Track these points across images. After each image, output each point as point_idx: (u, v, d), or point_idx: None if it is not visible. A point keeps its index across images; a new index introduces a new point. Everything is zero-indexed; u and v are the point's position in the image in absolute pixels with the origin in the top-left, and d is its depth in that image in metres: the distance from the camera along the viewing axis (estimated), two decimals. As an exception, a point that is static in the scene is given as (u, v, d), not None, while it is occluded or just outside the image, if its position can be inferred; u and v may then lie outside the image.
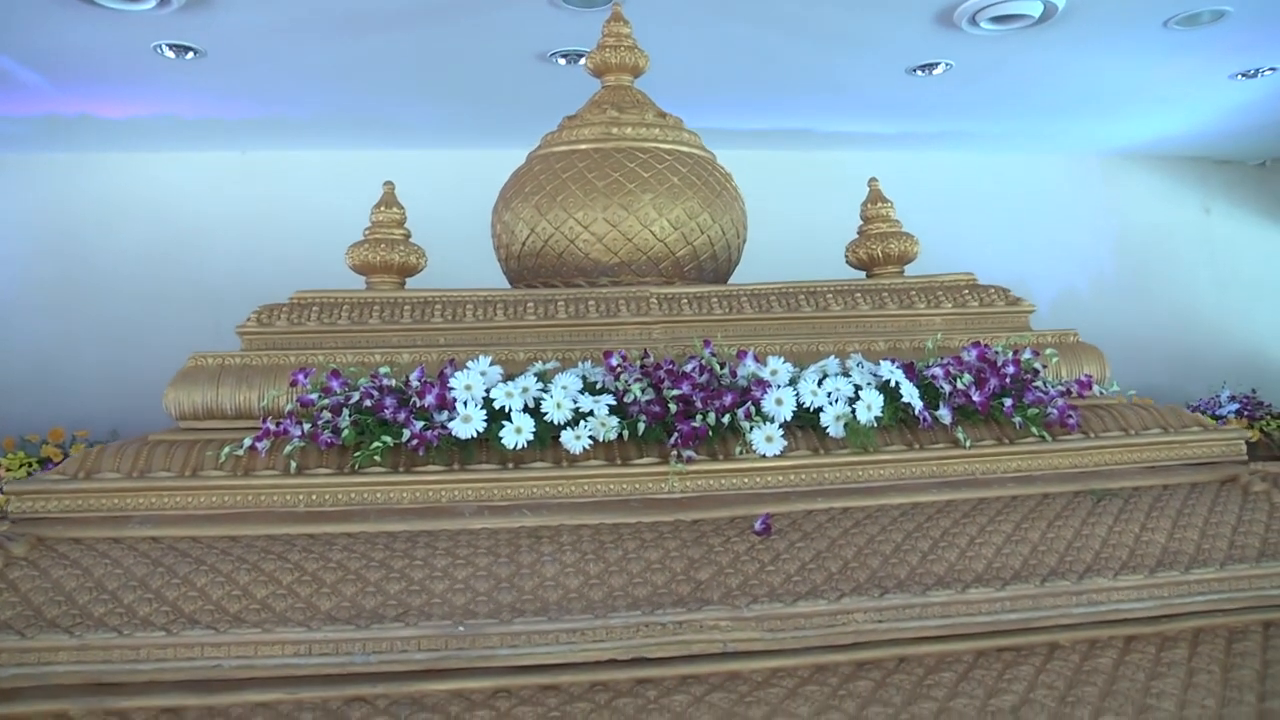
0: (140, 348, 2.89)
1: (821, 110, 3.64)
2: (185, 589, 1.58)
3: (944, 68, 3.60)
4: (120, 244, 3.72)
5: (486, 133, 2.59)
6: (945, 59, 3.65)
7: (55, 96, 3.23)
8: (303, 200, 3.11)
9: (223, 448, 1.81)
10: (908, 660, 1.59)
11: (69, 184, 3.83)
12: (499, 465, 1.81)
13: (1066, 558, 1.71)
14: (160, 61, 3.04)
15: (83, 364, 3.53)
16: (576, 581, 1.62)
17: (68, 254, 3.75)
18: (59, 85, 3.13)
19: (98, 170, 3.84)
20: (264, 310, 2.08)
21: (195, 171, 3.86)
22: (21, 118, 3.40)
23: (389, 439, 1.78)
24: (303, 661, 1.49)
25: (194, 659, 1.49)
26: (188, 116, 3.51)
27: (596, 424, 1.83)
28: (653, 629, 1.54)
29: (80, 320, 3.66)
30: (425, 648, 1.51)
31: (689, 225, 2.30)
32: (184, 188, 3.80)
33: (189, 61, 3.05)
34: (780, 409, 1.87)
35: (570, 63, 3.49)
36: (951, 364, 1.95)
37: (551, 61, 3.35)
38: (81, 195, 3.83)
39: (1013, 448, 1.92)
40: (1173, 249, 4.03)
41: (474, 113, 3.29)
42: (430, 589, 1.59)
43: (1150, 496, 1.88)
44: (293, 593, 1.58)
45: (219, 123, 3.59)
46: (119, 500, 1.76)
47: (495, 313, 2.10)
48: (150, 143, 3.75)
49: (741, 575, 1.64)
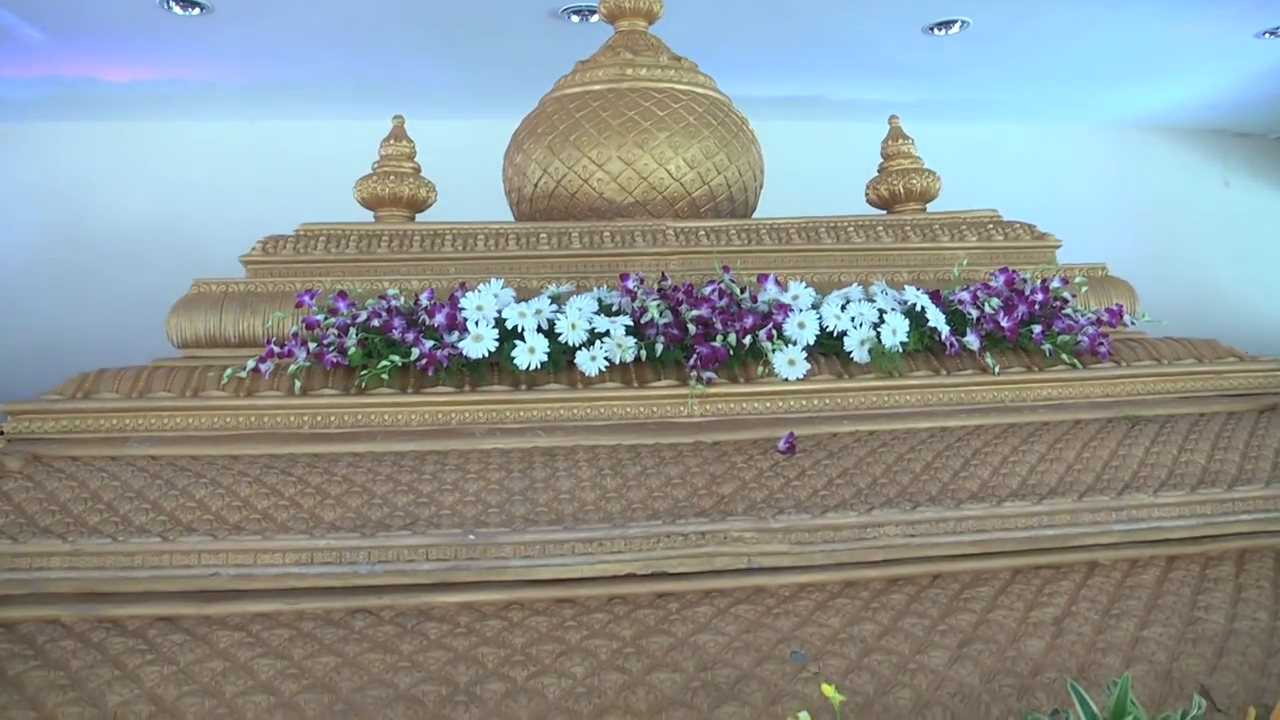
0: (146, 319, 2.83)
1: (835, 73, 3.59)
2: (183, 500, 1.52)
3: (960, 26, 3.54)
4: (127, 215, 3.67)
5: (496, 99, 2.53)
6: (962, 16, 3.57)
7: (58, 56, 3.19)
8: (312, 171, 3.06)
9: (225, 369, 1.75)
10: (942, 577, 1.51)
11: (74, 154, 3.80)
12: (511, 387, 1.74)
13: (1104, 476, 1.64)
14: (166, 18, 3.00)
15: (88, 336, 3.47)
16: (593, 495, 1.55)
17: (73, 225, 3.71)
18: (62, 42, 3.10)
19: (103, 140, 3.80)
20: (269, 240, 2.02)
21: (202, 141, 3.82)
22: (24, 80, 3.36)
23: (397, 358, 1.72)
24: (304, 571, 1.42)
25: (190, 567, 1.42)
26: (194, 81, 3.47)
27: (612, 345, 1.76)
28: (674, 540, 1.47)
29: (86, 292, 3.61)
30: (434, 558, 1.44)
31: (705, 165, 2.24)
32: (191, 158, 3.77)
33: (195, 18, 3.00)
34: (803, 333, 1.81)
35: (583, 19, 3.44)
36: (979, 290, 1.88)
37: (563, 19, 3.30)
38: (87, 166, 3.79)
39: (1043, 375, 1.85)
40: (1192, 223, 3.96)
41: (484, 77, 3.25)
42: (439, 501, 1.53)
43: (1187, 422, 1.81)
44: (295, 504, 1.51)
45: (226, 89, 3.55)
46: (118, 421, 1.70)
47: (508, 243, 2.04)
48: (156, 111, 3.71)
49: (766, 490, 1.57)
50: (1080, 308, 1.94)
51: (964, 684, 1.30)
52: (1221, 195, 4.16)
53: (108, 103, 3.60)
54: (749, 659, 1.33)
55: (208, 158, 3.73)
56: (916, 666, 1.32)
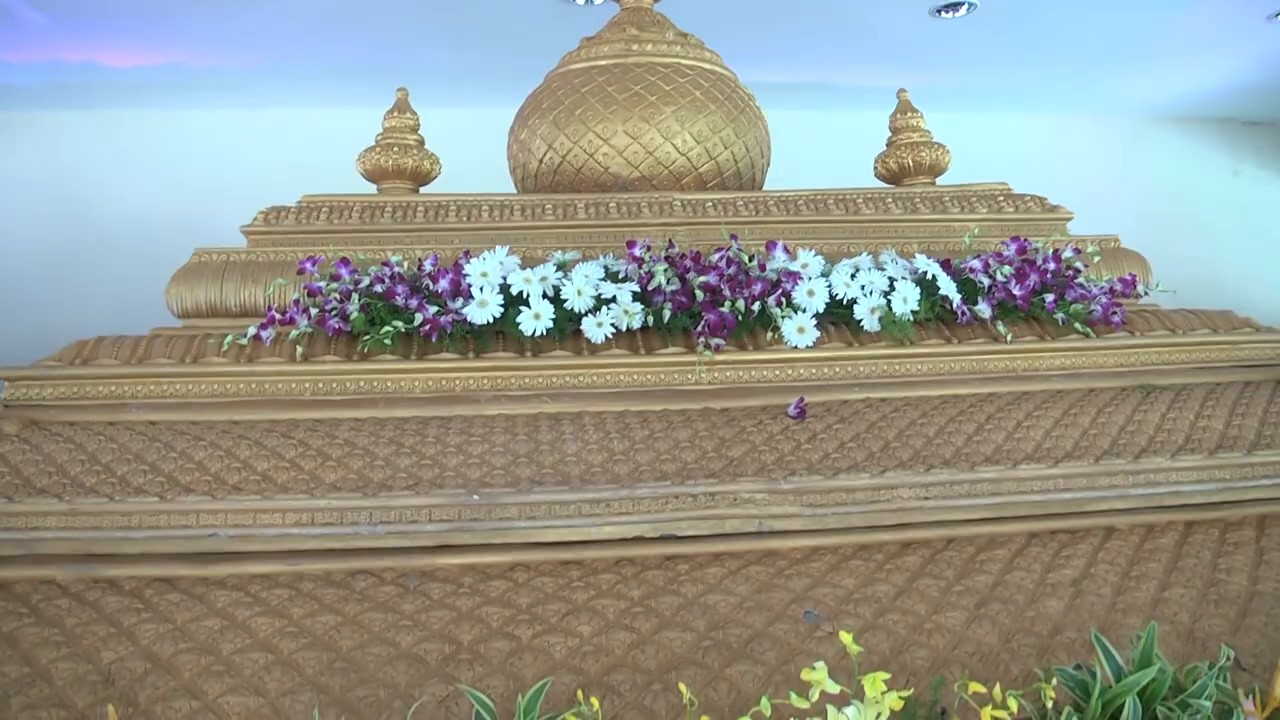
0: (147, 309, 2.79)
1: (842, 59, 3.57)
2: (182, 461, 1.49)
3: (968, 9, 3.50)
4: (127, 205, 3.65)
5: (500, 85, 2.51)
6: (970, -3, 3.54)
7: (60, 39, 3.18)
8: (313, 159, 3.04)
9: (225, 336, 1.72)
10: (957, 540, 1.48)
11: (75, 143, 3.78)
12: (516, 354, 1.71)
13: (1120, 440, 1.60)
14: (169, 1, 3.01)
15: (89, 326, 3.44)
16: (600, 457, 1.52)
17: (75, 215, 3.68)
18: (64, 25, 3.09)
19: (104, 129, 3.79)
20: (270, 210, 2.00)
21: (203, 130, 3.80)
22: (26, 65, 3.34)
23: (400, 324, 1.69)
24: (305, 532, 1.39)
25: (188, 527, 1.39)
26: (195, 66, 3.45)
27: (619, 311, 1.73)
28: (683, 501, 1.44)
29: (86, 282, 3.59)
30: (437, 519, 1.41)
31: (712, 140, 2.21)
32: (192, 147, 3.75)
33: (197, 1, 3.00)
34: (812, 300, 1.78)
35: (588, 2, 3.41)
36: (991, 258, 1.86)
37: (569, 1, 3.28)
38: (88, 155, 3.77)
39: (1055, 344, 1.82)
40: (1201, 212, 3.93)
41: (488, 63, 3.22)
42: (443, 463, 1.50)
43: (1203, 390, 1.78)
44: (295, 466, 1.48)
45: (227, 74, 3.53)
46: (116, 388, 1.67)
47: (513, 213, 2.01)
48: (157, 99, 3.69)
49: (777, 453, 1.54)
50: (1093, 277, 1.91)
51: (982, 643, 1.27)
52: (1230, 184, 4.13)
53: (109, 90, 3.59)
54: (761, 619, 1.30)
55: (209, 146, 3.70)
56: (933, 626, 1.29)
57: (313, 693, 1.18)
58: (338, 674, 1.21)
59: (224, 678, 1.19)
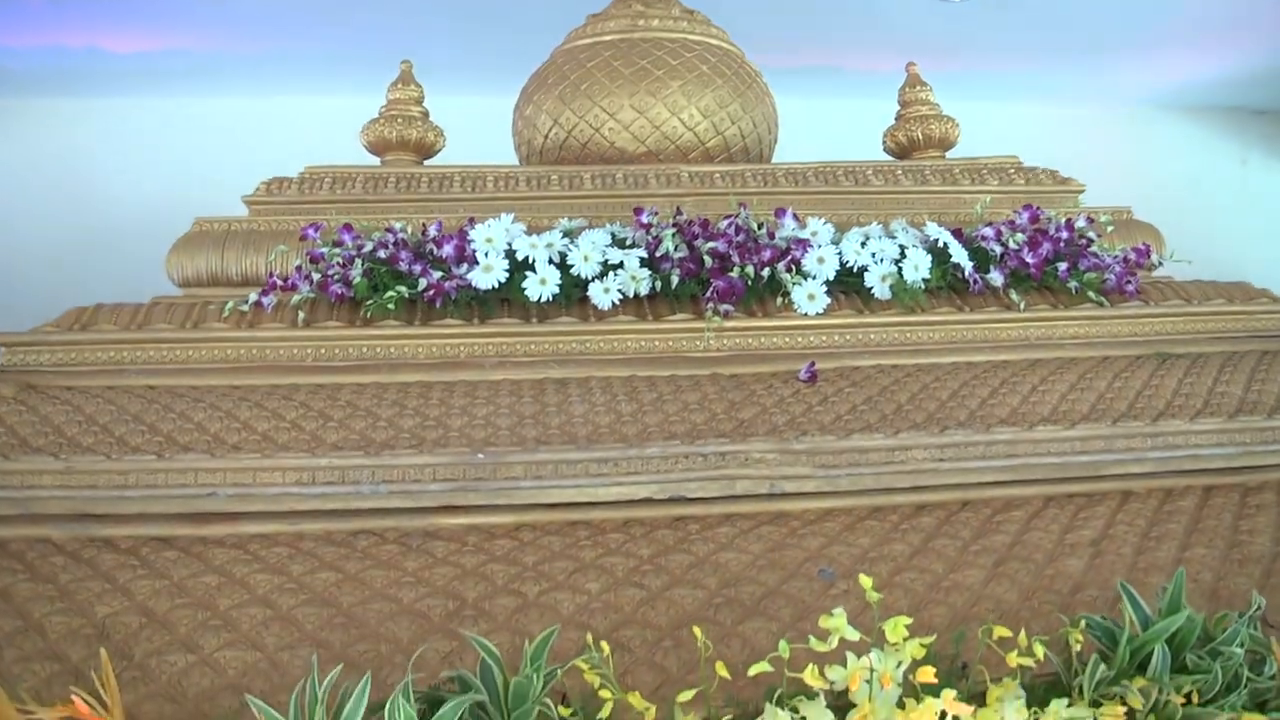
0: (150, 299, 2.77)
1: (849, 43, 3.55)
2: (181, 422, 1.46)
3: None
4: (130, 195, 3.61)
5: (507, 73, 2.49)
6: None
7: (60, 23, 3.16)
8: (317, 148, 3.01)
9: (226, 303, 1.69)
10: (972, 503, 1.45)
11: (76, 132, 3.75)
12: (521, 320, 1.68)
13: (1137, 404, 1.57)
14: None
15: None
16: (608, 419, 1.49)
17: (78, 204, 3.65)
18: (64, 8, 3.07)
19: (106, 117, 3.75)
20: (273, 181, 1.97)
21: (206, 119, 3.77)
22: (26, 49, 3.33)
23: (404, 290, 1.66)
24: (305, 491, 1.36)
25: (186, 486, 1.36)
26: (198, 51, 3.44)
27: (626, 277, 1.70)
28: (692, 461, 1.40)
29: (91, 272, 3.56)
30: (441, 478, 1.38)
31: (719, 114, 2.19)
32: (195, 136, 3.72)
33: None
34: (822, 268, 1.75)
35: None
36: (1003, 226, 1.83)
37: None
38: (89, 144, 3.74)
39: (1069, 313, 1.79)
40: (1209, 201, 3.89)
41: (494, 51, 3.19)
42: (447, 424, 1.47)
43: (1220, 358, 1.74)
44: (297, 427, 1.45)
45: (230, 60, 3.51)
46: (115, 353, 1.64)
47: (518, 184, 1.98)
48: (160, 86, 3.67)
49: (788, 414, 1.51)
50: (1107, 246, 1.88)
51: (1002, 601, 1.24)
52: (1239, 173, 4.10)
53: (111, 76, 3.56)
54: (774, 576, 1.27)
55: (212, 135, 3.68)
56: (951, 584, 1.26)
57: (312, 647, 1.14)
58: (338, 629, 1.18)
59: (221, 632, 1.16)
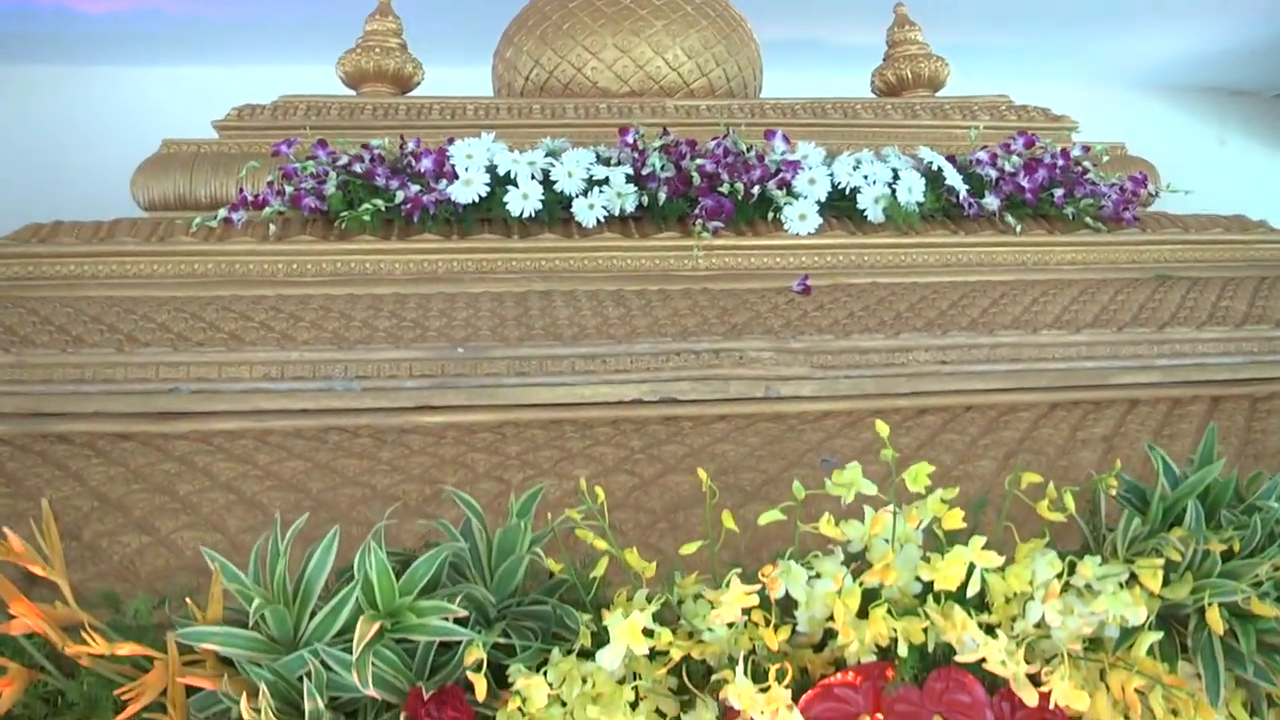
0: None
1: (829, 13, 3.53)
2: (143, 323, 1.38)
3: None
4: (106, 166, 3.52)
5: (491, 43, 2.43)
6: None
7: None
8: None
9: (194, 218, 1.61)
10: (977, 407, 1.39)
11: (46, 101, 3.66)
12: (502, 236, 1.61)
13: (1141, 315, 1.52)
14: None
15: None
16: (595, 322, 1.42)
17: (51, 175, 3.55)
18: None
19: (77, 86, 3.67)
20: (245, 108, 1.90)
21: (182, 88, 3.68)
22: (-5, 10, 3.26)
23: (380, 203, 1.59)
24: (274, 386, 1.29)
25: (147, 381, 1.27)
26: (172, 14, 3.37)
27: (611, 194, 1.64)
28: (684, 359, 1.34)
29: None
30: (418, 374, 1.30)
31: (704, 55, 2.14)
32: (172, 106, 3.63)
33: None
34: (813, 189, 1.69)
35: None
36: (999, 149, 1.78)
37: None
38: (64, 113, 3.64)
39: (1067, 238, 1.74)
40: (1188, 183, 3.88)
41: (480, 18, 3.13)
42: (425, 325, 1.39)
43: (1220, 282, 1.70)
44: (266, 327, 1.38)
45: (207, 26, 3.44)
46: (76, 267, 1.56)
47: (499, 112, 1.92)
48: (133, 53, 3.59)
49: (784, 319, 1.45)
50: (1103, 175, 1.84)
51: (1013, 488, 1.17)
52: (1217, 154, 4.11)
53: (82, 41, 3.48)
54: (774, 465, 1.20)
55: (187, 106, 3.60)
56: (962, 474, 1.20)
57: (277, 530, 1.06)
58: (306, 513, 1.09)
59: (180, 515, 1.08)
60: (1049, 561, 0.93)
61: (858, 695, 0.91)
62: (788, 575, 0.92)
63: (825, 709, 0.90)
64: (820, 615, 0.94)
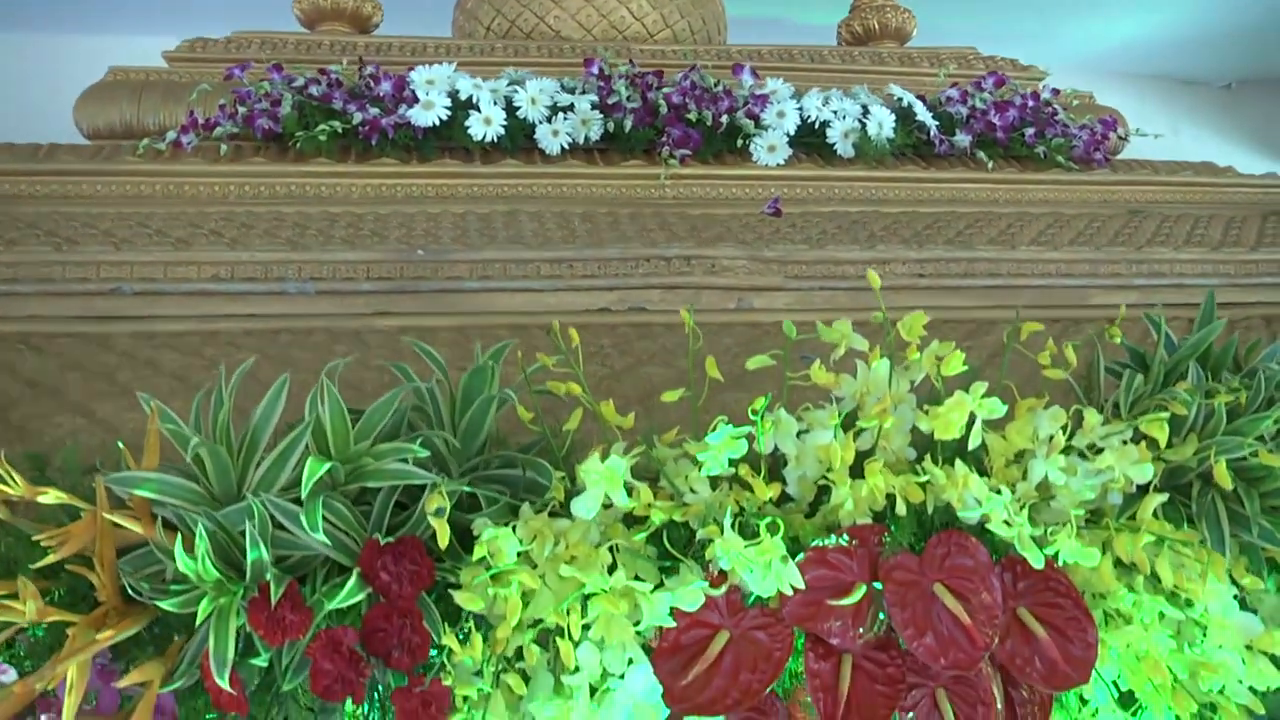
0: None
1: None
2: (84, 228, 1.30)
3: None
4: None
5: None
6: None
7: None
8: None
9: (141, 140, 1.54)
10: (952, 322, 1.35)
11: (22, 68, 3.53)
12: (463, 161, 1.56)
13: (1119, 237, 1.50)
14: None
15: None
16: (560, 234, 1.36)
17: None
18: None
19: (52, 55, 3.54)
20: (197, 40, 1.83)
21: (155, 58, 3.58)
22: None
23: (337, 125, 1.53)
24: (223, 288, 1.22)
25: (87, 280, 1.20)
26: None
27: (576, 121, 1.60)
28: (655, 265, 1.29)
29: None
30: (375, 275, 1.24)
31: (668, 6, 2.11)
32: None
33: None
34: (782, 122, 1.66)
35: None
36: (970, 87, 1.76)
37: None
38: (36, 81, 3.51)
39: (1038, 175, 1.72)
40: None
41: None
42: (384, 234, 1.33)
43: (1193, 216, 1.68)
44: (216, 233, 1.31)
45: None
46: (11, 187, 1.46)
47: (460, 51, 1.87)
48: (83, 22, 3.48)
49: (756, 232, 1.40)
50: (1074, 118, 1.82)
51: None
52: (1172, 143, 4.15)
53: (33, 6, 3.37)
54: (752, 360, 1.14)
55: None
56: (939, 370, 1.15)
57: (228, 410, 0.99)
58: (256, 400, 1.03)
59: (119, 399, 1.01)
60: (1052, 415, 0.89)
61: (852, 562, 0.86)
62: (777, 427, 0.87)
63: (818, 576, 0.85)
64: (812, 474, 0.89)
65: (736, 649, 0.82)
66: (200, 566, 0.72)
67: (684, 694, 0.81)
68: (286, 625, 0.74)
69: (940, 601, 0.85)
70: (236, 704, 0.76)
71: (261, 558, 0.73)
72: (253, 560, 0.73)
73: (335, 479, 0.77)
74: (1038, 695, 0.90)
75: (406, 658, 0.76)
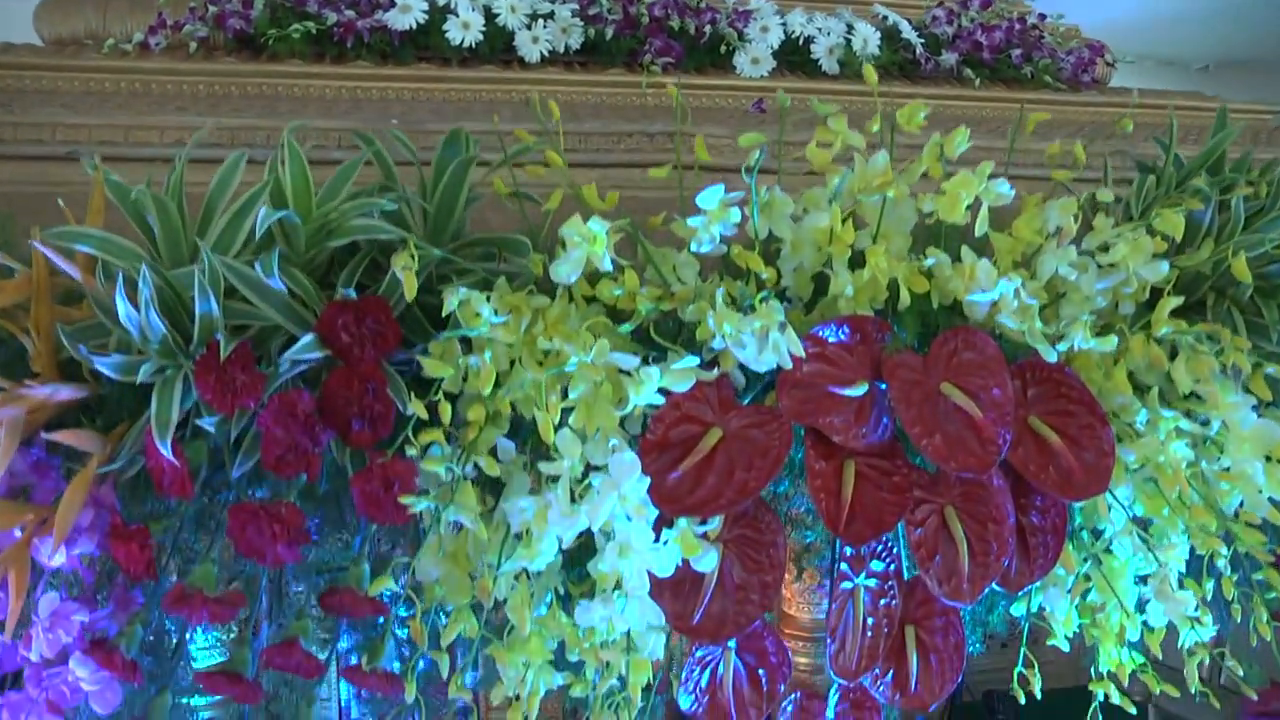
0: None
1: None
2: (43, 102, 1.25)
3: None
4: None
5: None
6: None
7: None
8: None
9: (106, 40, 1.49)
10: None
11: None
12: (441, 66, 1.52)
13: (1111, 136, 1.47)
14: None
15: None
16: (539, 123, 1.32)
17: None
18: None
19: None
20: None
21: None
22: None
23: (311, 25, 1.49)
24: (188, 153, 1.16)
25: (41, 143, 1.15)
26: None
27: (556, 29, 1.56)
28: (638, 141, 1.26)
29: None
30: (348, 145, 1.19)
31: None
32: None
33: None
34: (766, 36, 1.63)
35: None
36: (955, 6, 1.75)
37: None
38: None
39: (1027, 94, 1.69)
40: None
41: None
42: (359, 113, 1.28)
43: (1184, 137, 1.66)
44: (184, 110, 1.26)
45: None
46: (-32, 84, 1.42)
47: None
48: None
49: (745, 124, 1.36)
50: (1061, 43, 1.81)
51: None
52: (1152, 124, 4.17)
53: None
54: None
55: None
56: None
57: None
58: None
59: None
60: (1062, 206, 0.85)
61: (852, 358, 0.80)
62: (771, 208, 0.82)
63: (814, 371, 0.80)
64: (809, 264, 0.84)
65: (730, 447, 0.77)
66: (143, 317, 0.66)
67: (674, 491, 0.75)
68: (237, 387, 0.67)
69: (949, 400, 0.79)
70: (180, 486, 0.69)
71: (211, 312, 0.67)
72: (201, 314, 0.67)
73: (297, 249, 0.72)
74: (1051, 522, 0.85)
75: (368, 430, 0.69)
